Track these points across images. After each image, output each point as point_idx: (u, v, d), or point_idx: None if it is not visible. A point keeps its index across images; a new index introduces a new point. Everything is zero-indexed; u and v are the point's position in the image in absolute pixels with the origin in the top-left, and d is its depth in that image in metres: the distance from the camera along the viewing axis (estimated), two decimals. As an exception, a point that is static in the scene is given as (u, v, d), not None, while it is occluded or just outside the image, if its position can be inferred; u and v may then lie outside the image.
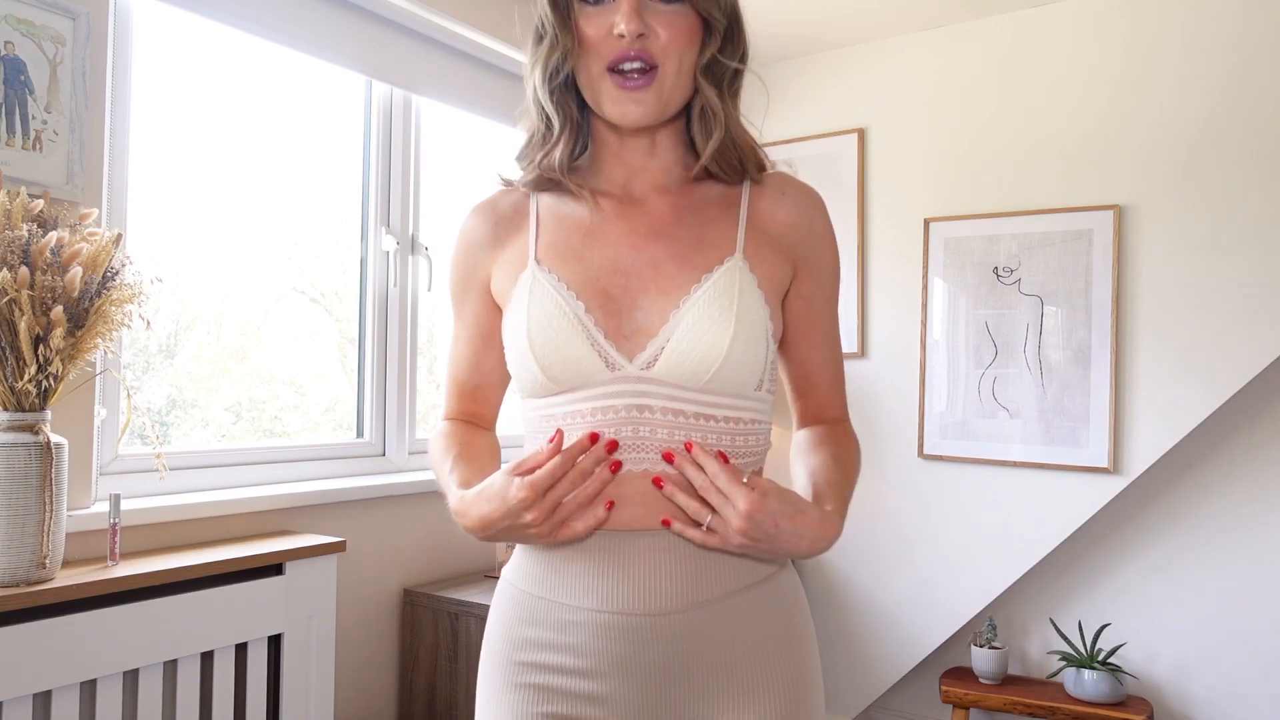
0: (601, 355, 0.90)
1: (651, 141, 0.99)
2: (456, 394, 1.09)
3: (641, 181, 1.00)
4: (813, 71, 3.05)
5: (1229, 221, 2.39)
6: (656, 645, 0.89)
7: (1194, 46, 2.44)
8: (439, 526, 2.38)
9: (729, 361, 0.89)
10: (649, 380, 0.90)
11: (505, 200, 1.05)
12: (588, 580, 0.91)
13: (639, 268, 0.94)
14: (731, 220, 0.97)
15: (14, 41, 1.57)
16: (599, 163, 1.02)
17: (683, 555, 0.89)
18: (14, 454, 1.41)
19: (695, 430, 0.90)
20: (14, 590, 1.40)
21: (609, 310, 0.92)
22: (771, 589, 0.94)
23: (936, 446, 2.79)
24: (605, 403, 0.90)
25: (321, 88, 2.30)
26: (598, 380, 0.91)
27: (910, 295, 2.86)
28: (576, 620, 0.91)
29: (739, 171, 0.99)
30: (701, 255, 0.93)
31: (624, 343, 0.91)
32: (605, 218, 0.98)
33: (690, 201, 0.99)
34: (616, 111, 0.93)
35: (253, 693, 1.75)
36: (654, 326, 0.90)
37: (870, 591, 2.92)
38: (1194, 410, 2.43)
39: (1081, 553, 2.69)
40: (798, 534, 0.86)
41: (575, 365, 0.91)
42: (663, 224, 0.96)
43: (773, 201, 0.99)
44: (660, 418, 0.89)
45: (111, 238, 1.51)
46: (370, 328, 2.37)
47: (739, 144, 0.97)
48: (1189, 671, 2.54)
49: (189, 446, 2.00)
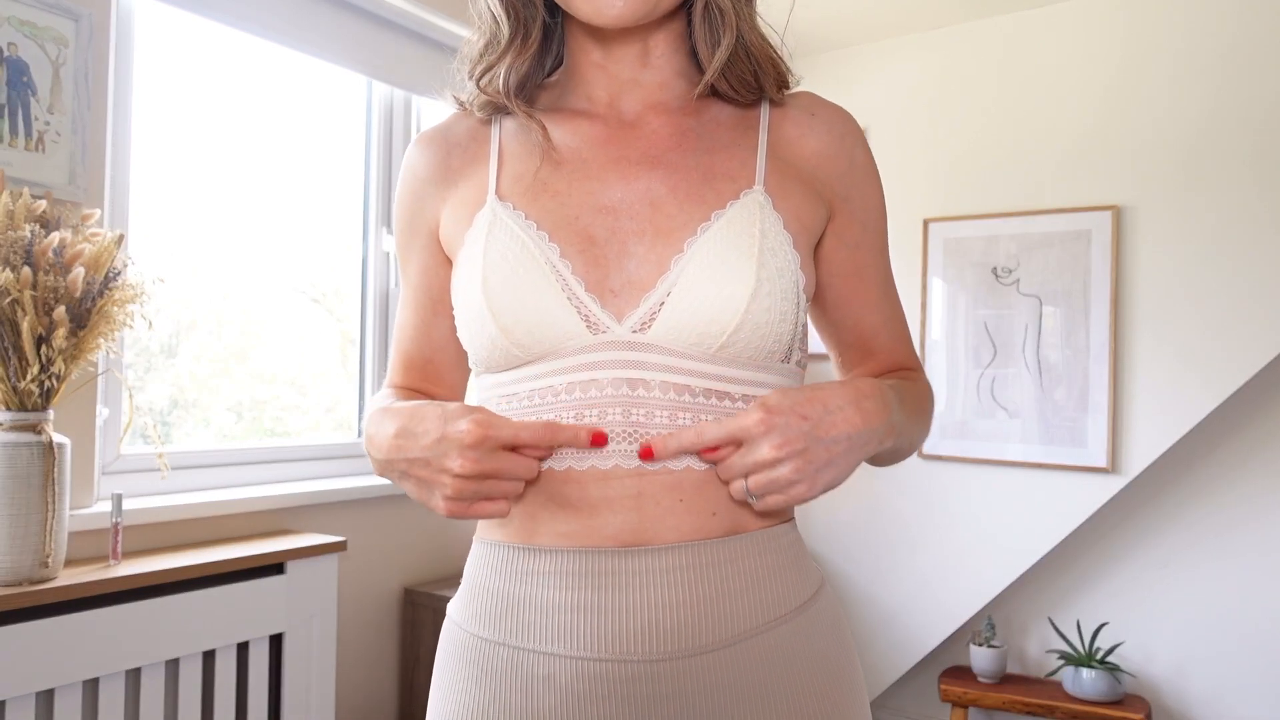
0: (582, 314, 0.69)
1: (643, 48, 0.77)
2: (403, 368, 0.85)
3: (633, 99, 0.78)
4: (812, 72, 3.05)
5: (1227, 222, 2.39)
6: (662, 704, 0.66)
7: (1192, 47, 2.44)
8: (439, 526, 2.39)
9: (749, 321, 0.68)
10: (643, 346, 0.69)
11: (459, 126, 0.83)
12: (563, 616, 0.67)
13: (631, 204, 0.73)
14: (748, 147, 0.76)
15: (17, 43, 1.57)
16: (577, 76, 0.80)
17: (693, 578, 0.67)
18: (17, 454, 1.41)
19: (705, 412, 0.69)
20: (16, 589, 1.41)
21: (592, 257, 0.71)
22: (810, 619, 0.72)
23: (936, 446, 2.80)
24: (586, 375, 0.69)
25: (322, 88, 2.30)
26: (576, 346, 0.69)
27: (909, 295, 2.86)
28: (550, 673, 0.67)
29: (754, 89, 0.78)
30: (711, 188, 0.73)
31: (611, 298, 0.70)
32: (585, 143, 0.76)
33: (696, 123, 0.78)
34: (590, 7, 0.70)
35: (254, 692, 1.76)
36: (650, 278, 0.70)
37: (869, 591, 2.93)
38: (1193, 410, 2.43)
39: (1080, 552, 2.70)
40: (834, 409, 0.64)
41: (547, 326, 0.69)
42: (661, 150, 0.75)
43: (800, 125, 0.78)
44: (659, 395, 0.68)
45: (114, 238, 1.52)
46: (371, 328, 2.38)
47: (754, 53, 0.77)
48: (1187, 670, 2.55)
49: (191, 446, 2.01)
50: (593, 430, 0.67)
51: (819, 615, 0.74)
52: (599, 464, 0.69)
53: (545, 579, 0.69)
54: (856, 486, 2.95)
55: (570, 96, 0.80)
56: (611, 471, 0.68)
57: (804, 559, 0.76)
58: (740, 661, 0.68)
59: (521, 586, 0.70)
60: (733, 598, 0.69)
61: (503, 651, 0.70)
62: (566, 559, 0.69)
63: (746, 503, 0.69)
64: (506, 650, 0.70)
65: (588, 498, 0.69)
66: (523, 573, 0.71)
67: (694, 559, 0.68)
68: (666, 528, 0.68)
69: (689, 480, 0.69)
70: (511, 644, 0.70)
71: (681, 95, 0.79)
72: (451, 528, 2.41)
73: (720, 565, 0.69)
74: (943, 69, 2.82)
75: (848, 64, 3.00)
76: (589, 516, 0.69)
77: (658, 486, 0.69)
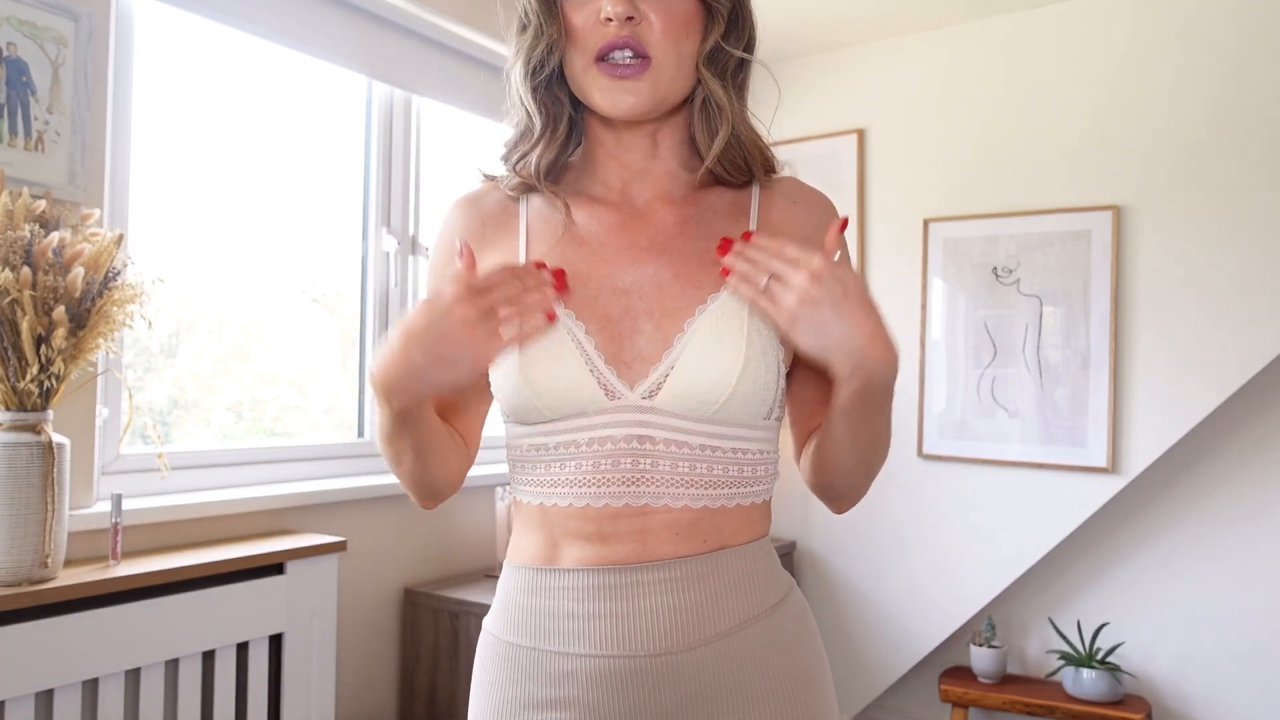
0: (602, 383, 0.82)
1: (653, 140, 0.90)
2: None
3: (643, 187, 0.91)
4: (812, 72, 3.05)
5: (1228, 222, 2.39)
6: (664, 690, 0.80)
7: (1193, 47, 2.44)
8: (439, 526, 2.39)
9: (739, 391, 0.81)
10: (651, 410, 0.82)
11: (490, 198, 0.95)
12: (581, 623, 0.81)
13: (641, 287, 0.85)
14: (739, 233, 0.88)
15: (16, 43, 1.57)
16: (593, 163, 0.93)
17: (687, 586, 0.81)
18: (16, 454, 1.41)
19: (700, 462, 0.82)
20: (16, 589, 1.41)
21: (609, 334, 0.83)
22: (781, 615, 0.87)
23: (936, 446, 2.80)
24: (604, 432, 0.82)
25: (322, 88, 2.30)
26: (596, 409, 0.82)
27: (910, 295, 2.86)
28: (572, 670, 0.81)
29: (746, 172, 0.90)
30: (708, 274, 0.84)
31: (625, 369, 0.83)
32: (603, 229, 0.89)
33: (697, 212, 0.90)
34: (607, 101, 0.84)
35: (254, 692, 1.76)
36: (656, 352, 0.83)
37: (869, 591, 2.93)
38: (1193, 410, 2.43)
39: (1080, 552, 2.70)
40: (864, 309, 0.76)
41: (574, 393, 0.82)
42: (667, 238, 0.88)
43: (785, 212, 0.91)
44: (663, 449, 0.82)
45: (113, 238, 1.52)
46: (371, 327, 2.38)
47: (745, 142, 0.89)
48: (1187, 670, 2.55)
49: (190, 446, 2.01)
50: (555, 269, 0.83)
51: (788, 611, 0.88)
52: (612, 503, 0.82)
53: (566, 593, 0.83)
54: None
55: (588, 180, 0.93)
56: (621, 511, 0.82)
57: (775, 567, 0.90)
58: (729, 651, 0.82)
59: (546, 601, 0.84)
60: (719, 602, 0.83)
61: (532, 654, 0.84)
62: (583, 577, 0.82)
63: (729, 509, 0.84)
64: (535, 653, 0.84)
65: (600, 532, 0.82)
66: (546, 589, 0.84)
67: (687, 571, 0.82)
68: (664, 552, 0.82)
69: (685, 519, 0.83)
70: (539, 648, 0.83)
71: (685, 184, 0.92)
72: (450, 529, 2.41)
73: (708, 575, 0.83)
74: (943, 69, 2.82)
75: (848, 64, 3.00)
76: (600, 545, 0.83)
77: (658, 524, 0.82)
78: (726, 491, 0.84)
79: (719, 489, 0.83)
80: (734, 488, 0.84)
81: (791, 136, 3.06)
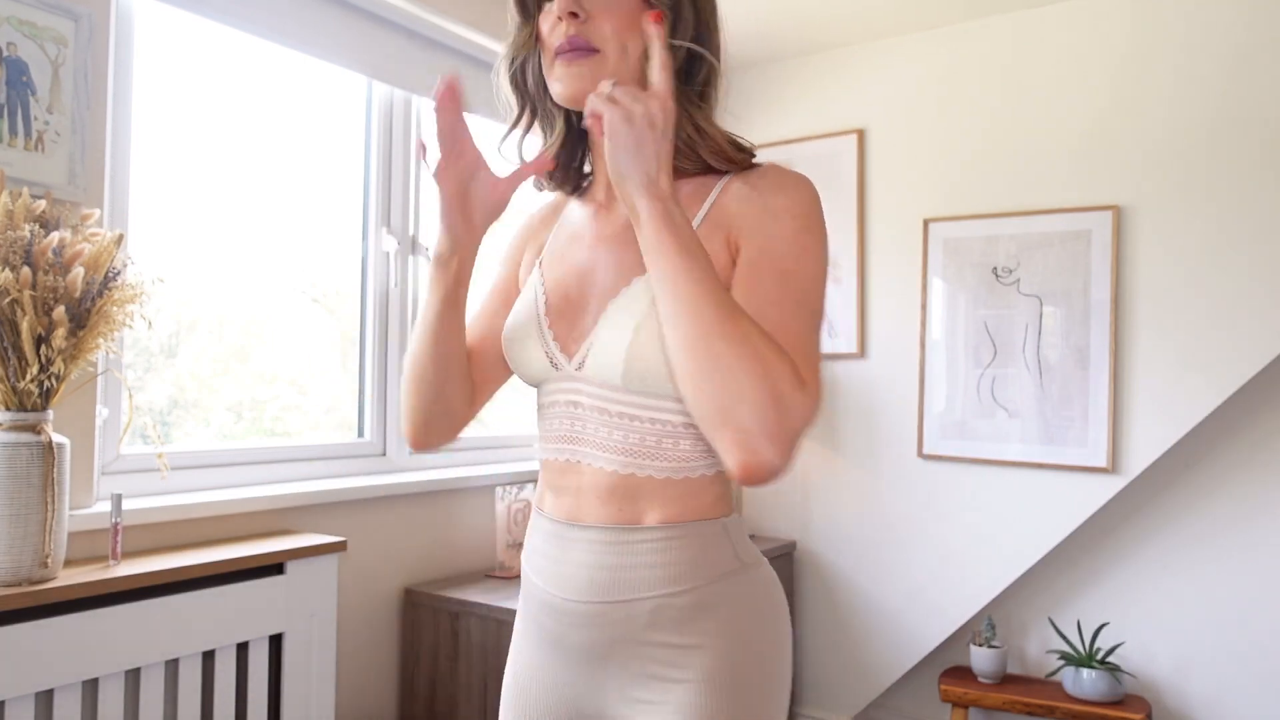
0: (549, 356, 0.97)
1: None
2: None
3: None
4: (812, 72, 3.05)
5: (1227, 222, 2.39)
6: (587, 629, 0.94)
7: (1193, 47, 2.44)
8: (439, 526, 2.39)
9: (634, 361, 0.88)
10: (580, 379, 0.94)
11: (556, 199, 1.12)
12: (542, 560, 0.98)
13: (591, 272, 0.97)
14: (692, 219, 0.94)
15: (16, 43, 1.57)
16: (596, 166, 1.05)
17: (605, 550, 0.92)
18: (16, 454, 1.41)
19: (617, 429, 0.92)
20: (16, 589, 1.41)
21: (563, 313, 0.97)
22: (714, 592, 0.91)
23: (936, 446, 2.80)
24: (554, 398, 0.98)
25: (322, 88, 2.30)
26: (549, 378, 0.98)
27: (909, 295, 2.86)
28: (537, 597, 0.99)
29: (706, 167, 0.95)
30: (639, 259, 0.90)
31: (572, 344, 0.96)
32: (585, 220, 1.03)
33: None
34: (559, 88, 0.93)
35: (254, 692, 1.76)
36: (588, 329, 0.94)
37: (869, 591, 2.93)
38: (1193, 409, 2.43)
39: (1080, 552, 2.70)
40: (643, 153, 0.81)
41: (530, 365, 0.98)
42: (624, 227, 0.96)
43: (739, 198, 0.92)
44: (591, 414, 0.94)
45: (113, 238, 1.52)
46: (371, 327, 2.38)
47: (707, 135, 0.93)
48: (1187, 670, 2.55)
49: (190, 446, 2.01)
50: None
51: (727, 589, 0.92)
52: (557, 458, 0.98)
53: (540, 533, 1.00)
54: (857, 486, 2.95)
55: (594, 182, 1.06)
56: (565, 466, 0.97)
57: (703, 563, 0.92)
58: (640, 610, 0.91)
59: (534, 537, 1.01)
60: (633, 570, 0.91)
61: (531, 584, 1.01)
62: (546, 522, 0.99)
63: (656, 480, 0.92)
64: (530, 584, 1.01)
65: (555, 484, 0.98)
66: (534, 528, 1.02)
67: (605, 539, 0.93)
68: (588, 512, 0.94)
69: (605, 482, 0.93)
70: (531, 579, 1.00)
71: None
72: (450, 529, 2.41)
73: (619, 545, 0.92)
74: (943, 69, 2.82)
75: (847, 64, 3.00)
76: (556, 496, 0.98)
77: (587, 484, 0.94)
78: (646, 462, 0.91)
79: (638, 458, 0.92)
80: (654, 460, 0.91)
81: (791, 136, 3.06)
